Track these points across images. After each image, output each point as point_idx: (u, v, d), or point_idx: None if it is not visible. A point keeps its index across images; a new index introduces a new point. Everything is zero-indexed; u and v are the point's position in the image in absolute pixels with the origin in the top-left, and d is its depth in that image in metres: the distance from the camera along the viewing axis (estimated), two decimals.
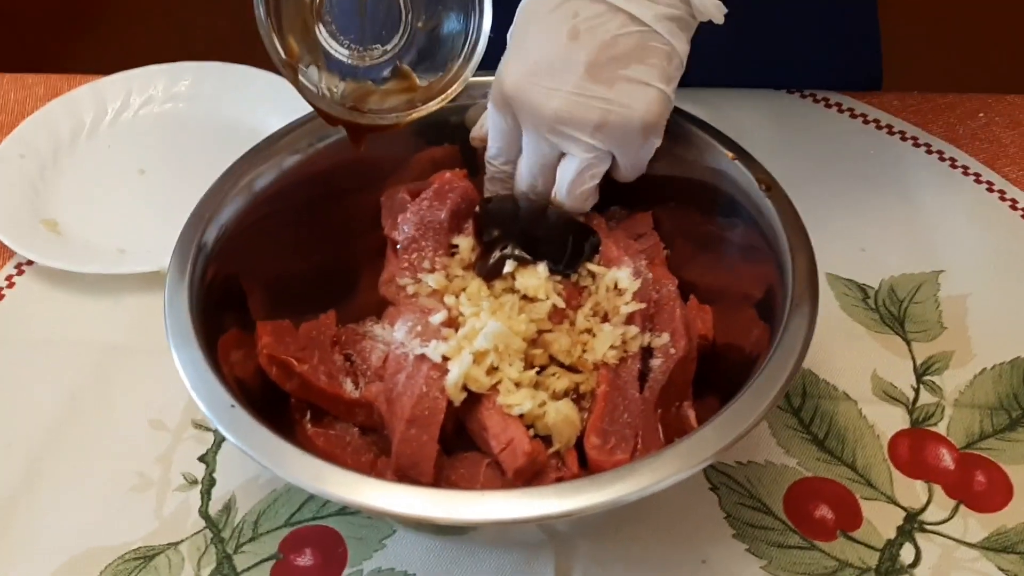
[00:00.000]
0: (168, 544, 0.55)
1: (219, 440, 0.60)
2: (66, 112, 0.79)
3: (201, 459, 0.59)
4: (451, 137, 0.61)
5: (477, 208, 0.56)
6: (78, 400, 0.62)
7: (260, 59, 0.81)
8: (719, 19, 0.52)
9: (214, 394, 0.46)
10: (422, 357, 0.49)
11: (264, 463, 0.44)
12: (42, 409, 0.61)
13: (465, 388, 0.49)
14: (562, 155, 0.54)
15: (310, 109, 0.56)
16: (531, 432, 0.49)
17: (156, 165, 0.77)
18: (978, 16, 1.59)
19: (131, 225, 0.72)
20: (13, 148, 0.76)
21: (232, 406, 0.45)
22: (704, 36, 0.54)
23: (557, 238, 0.55)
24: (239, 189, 0.57)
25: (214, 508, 0.56)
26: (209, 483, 0.58)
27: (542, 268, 0.54)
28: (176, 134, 0.80)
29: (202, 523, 0.56)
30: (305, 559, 0.54)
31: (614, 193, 0.62)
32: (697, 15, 0.52)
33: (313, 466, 0.43)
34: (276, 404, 0.53)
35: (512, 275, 0.54)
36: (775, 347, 0.48)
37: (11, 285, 0.69)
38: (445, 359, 0.49)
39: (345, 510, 0.56)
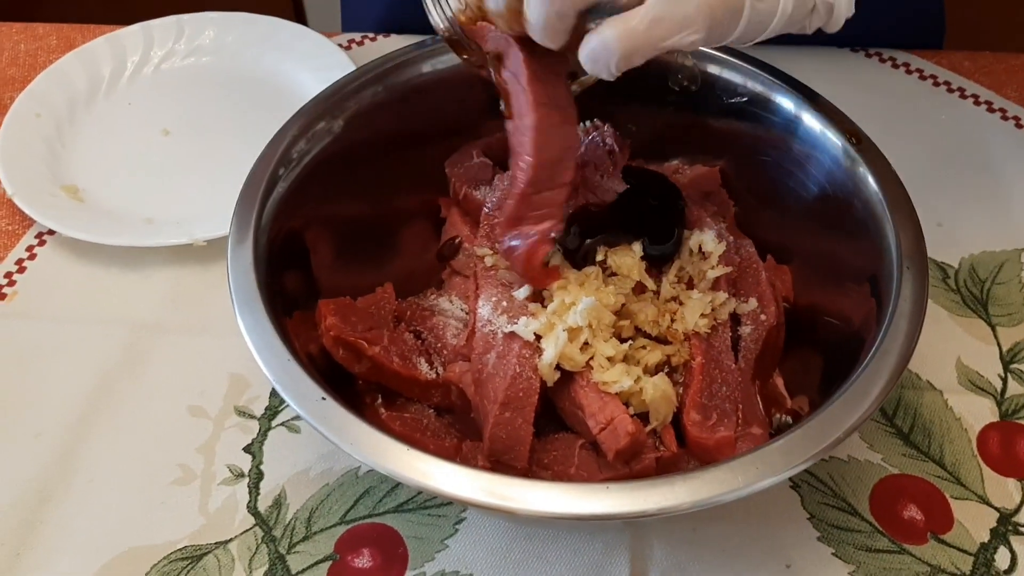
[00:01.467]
0: (216, 543, 0.51)
1: (265, 429, 0.56)
2: (83, 66, 0.74)
3: (246, 450, 0.55)
4: None
5: None
6: (110, 384, 0.58)
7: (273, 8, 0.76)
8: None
9: (301, 386, 0.42)
10: (512, 335, 0.46)
11: (375, 465, 0.40)
12: (72, 395, 0.57)
13: (558, 367, 0.45)
14: None
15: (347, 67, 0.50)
16: (629, 410, 0.45)
17: (181, 125, 0.72)
18: None
19: (158, 191, 0.67)
20: (28, 105, 0.71)
21: (323, 399, 0.41)
22: None
23: (648, 213, 0.51)
24: (297, 144, 0.53)
25: (263, 504, 0.53)
26: (257, 476, 0.54)
27: (637, 247, 0.49)
28: (201, 90, 0.75)
29: (251, 520, 0.52)
30: (363, 560, 0.51)
31: (675, 145, 0.58)
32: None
33: (423, 463, 0.39)
34: (340, 382, 0.49)
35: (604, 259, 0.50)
36: (885, 328, 0.45)
37: (32, 257, 0.64)
38: (537, 337, 0.46)
39: (403, 507, 0.52)
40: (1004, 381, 0.58)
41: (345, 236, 0.55)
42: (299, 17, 1.81)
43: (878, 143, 0.54)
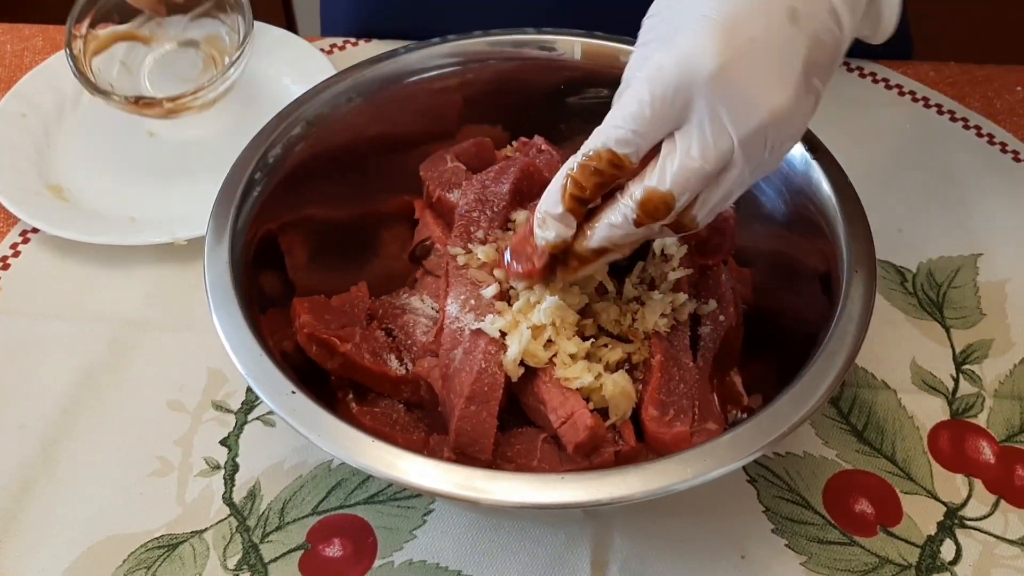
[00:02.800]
0: (192, 532, 0.53)
1: (241, 423, 0.58)
2: (69, 67, 0.75)
3: (223, 443, 0.57)
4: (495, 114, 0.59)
5: None
6: (92, 379, 0.60)
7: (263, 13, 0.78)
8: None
9: (272, 380, 0.43)
10: (479, 332, 0.48)
11: (338, 454, 0.42)
12: (55, 388, 0.59)
13: (522, 363, 0.47)
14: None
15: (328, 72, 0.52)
16: (589, 405, 0.47)
17: (165, 127, 0.74)
18: None
19: (141, 192, 0.69)
20: (14, 106, 0.73)
21: (292, 392, 0.43)
22: None
23: None
24: (274, 149, 0.55)
25: (238, 495, 0.55)
26: (232, 468, 0.56)
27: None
28: None
29: (226, 511, 0.54)
30: (334, 549, 0.53)
31: None
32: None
33: (389, 454, 0.41)
34: (314, 378, 0.51)
35: None
36: (833, 328, 0.47)
37: (16, 254, 0.66)
38: (503, 334, 0.48)
39: (373, 498, 0.54)
40: (956, 381, 0.60)
41: (321, 238, 0.57)
42: (288, 21, 1.83)
43: (844, 150, 0.56)
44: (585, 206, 0.45)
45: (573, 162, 0.44)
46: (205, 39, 0.73)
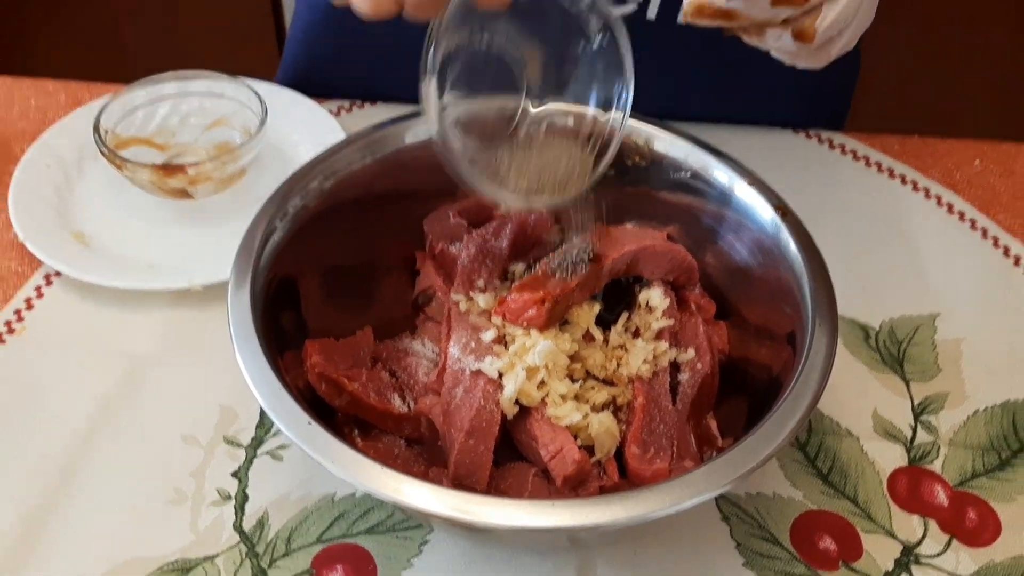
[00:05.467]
0: (205, 557, 0.57)
1: (251, 457, 0.62)
2: (92, 121, 0.80)
3: (234, 475, 0.61)
4: None
5: None
6: (110, 412, 0.64)
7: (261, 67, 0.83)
8: None
9: (291, 413, 0.48)
10: (478, 372, 0.52)
11: (349, 479, 0.47)
12: (75, 420, 0.63)
13: (517, 402, 0.52)
14: None
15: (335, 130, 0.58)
16: (576, 442, 0.52)
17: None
18: (952, 62, 1.65)
19: (160, 239, 0.74)
20: (40, 156, 0.78)
21: (309, 423, 0.47)
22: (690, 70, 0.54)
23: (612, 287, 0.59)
24: (293, 199, 0.59)
25: (248, 523, 0.59)
26: (242, 498, 0.60)
27: (596, 307, 0.57)
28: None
29: (237, 538, 0.58)
30: (337, 575, 0.57)
31: (631, 211, 0.65)
32: None
33: (394, 480, 0.46)
34: (322, 415, 0.55)
35: None
36: (798, 376, 0.51)
37: (40, 296, 0.70)
38: (500, 374, 0.52)
39: (374, 529, 0.58)
40: (914, 431, 0.65)
41: (331, 284, 0.62)
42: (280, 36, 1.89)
43: (814, 215, 0.61)
44: None
45: None
46: (216, 146, 0.78)
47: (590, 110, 0.54)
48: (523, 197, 0.53)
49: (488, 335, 0.55)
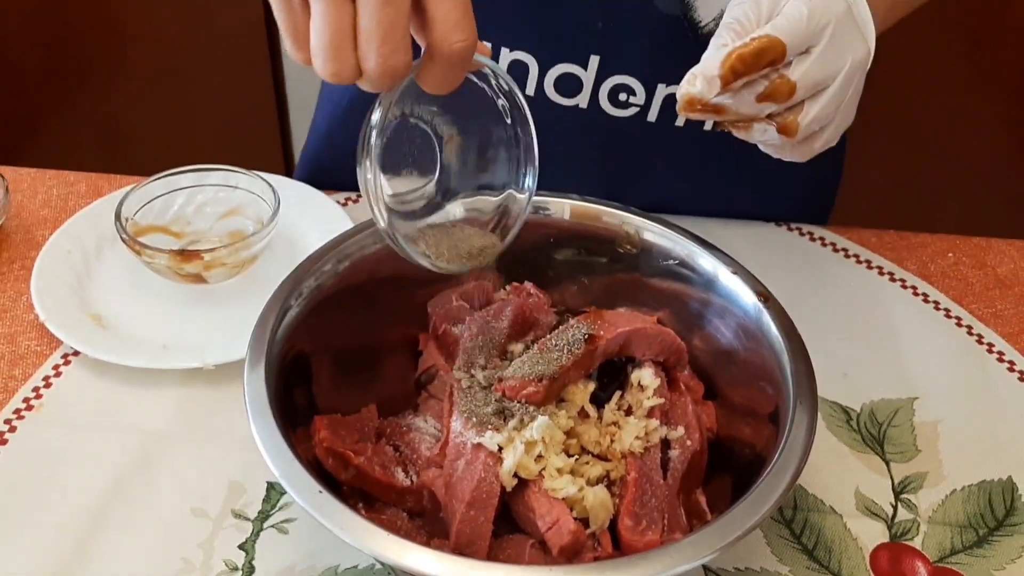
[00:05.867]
0: None
1: (257, 530, 0.64)
2: (112, 210, 0.85)
3: (241, 547, 0.63)
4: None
5: None
6: (123, 485, 0.66)
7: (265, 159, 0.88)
8: None
9: (303, 482, 0.51)
10: (479, 446, 0.55)
11: (357, 544, 0.49)
12: (89, 491, 0.65)
13: (515, 475, 0.55)
14: None
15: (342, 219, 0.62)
16: (572, 514, 0.54)
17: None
18: (931, 163, 1.72)
19: (173, 321, 0.77)
20: (62, 243, 0.82)
21: (320, 492, 0.50)
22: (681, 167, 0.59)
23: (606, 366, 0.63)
24: (303, 286, 0.63)
25: None
26: (249, 570, 0.62)
27: (591, 386, 0.60)
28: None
29: None
30: None
31: (622, 297, 0.69)
32: None
33: (399, 545, 0.49)
34: (329, 488, 0.58)
35: None
36: (779, 453, 0.54)
37: (58, 374, 0.74)
38: (500, 448, 0.55)
39: None
40: (895, 508, 0.67)
41: (339, 363, 0.65)
42: (288, 167, 1.96)
43: (797, 304, 0.65)
44: (734, 79, 0.57)
45: (724, 48, 0.58)
46: (229, 234, 0.83)
47: (495, 199, 0.59)
48: (440, 265, 0.58)
49: (488, 410, 0.58)
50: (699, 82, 0.58)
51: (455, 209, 0.59)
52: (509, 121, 0.57)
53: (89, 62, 1.88)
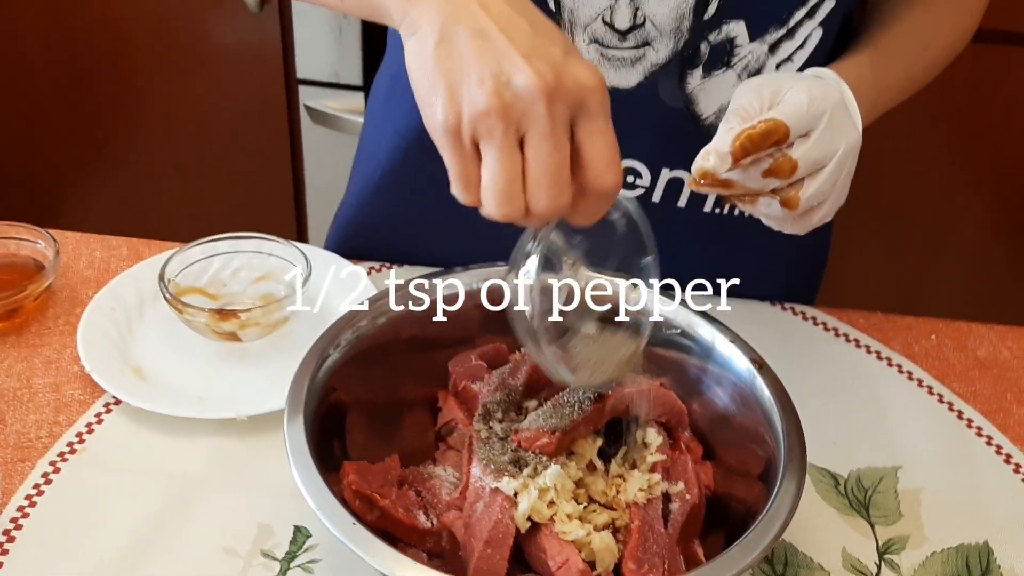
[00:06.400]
0: None
1: (284, 569, 0.69)
2: (152, 272, 0.91)
3: None
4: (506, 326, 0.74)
5: None
6: (159, 525, 0.71)
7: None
8: None
9: (339, 515, 0.56)
10: (496, 490, 0.61)
11: (386, 570, 0.55)
12: (128, 529, 0.70)
13: (529, 518, 0.60)
14: None
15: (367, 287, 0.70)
16: (580, 555, 0.59)
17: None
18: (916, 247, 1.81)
19: (207, 376, 0.83)
20: (106, 301, 0.88)
21: (353, 524, 0.55)
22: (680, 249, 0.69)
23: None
24: (334, 347, 0.69)
25: None
26: None
27: (598, 441, 0.66)
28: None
29: None
30: None
31: None
32: None
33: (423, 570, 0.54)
34: None
35: None
36: (770, 506, 0.60)
37: (100, 421, 0.79)
38: (515, 493, 0.60)
39: None
40: (879, 567, 0.72)
41: (366, 415, 0.71)
42: (300, 234, 2.04)
43: (789, 376, 0.70)
44: (743, 156, 0.65)
45: (733, 130, 0.67)
46: (261, 297, 0.89)
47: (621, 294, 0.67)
48: (589, 381, 0.65)
49: (505, 458, 0.63)
50: (712, 158, 0.66)
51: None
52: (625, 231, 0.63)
53: (111, 131, 1.97)
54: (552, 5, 0.79)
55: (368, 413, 0.71)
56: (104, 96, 1.94)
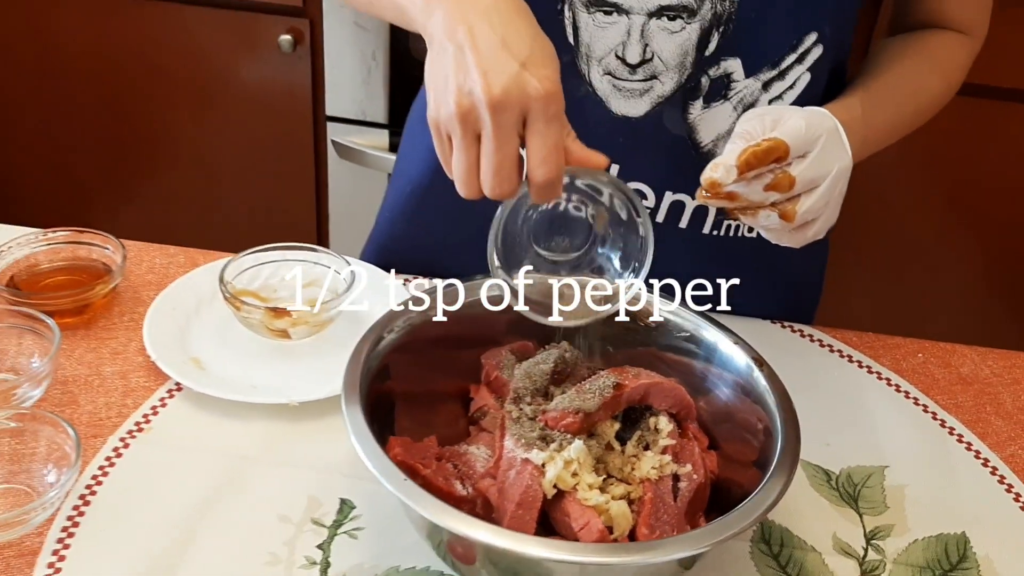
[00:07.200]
0: None
1: (332, 535, 0.77)
2: (208, 277, 1.00)
3: (319, 547, 0.76)
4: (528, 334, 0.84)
5: None
6: (219, 496, 0.79)
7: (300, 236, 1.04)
8: None
9: (391, 473, 0.64)
10: (527, 460, 0.69)
11: (431, 517, 0.63)
12: (190, 499, 0.78)
13: (555, 486, 0.68)
14: None
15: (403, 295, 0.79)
16: (600, 520, 0.67)
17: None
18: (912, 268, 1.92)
19: (258, 368, 0.92)
20: (166, 303, 0.97)
21: (405, 480, 0.63)
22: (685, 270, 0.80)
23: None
24: (381, 340, 0.78)
25: None
26: (325, 565, 0.74)
27: (616, 425, 0.74)
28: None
29: None
30: None
31: (641, 364, 0.83)
32: None
33: (463, 518, 0.63)
34: None
35: None
36: (763, 484, 0.68)
37: (163, 405, 0.87)
38: (543, 464, 0.68)
39: None
40: (865, 551, 0.80)
41: (405, 403, 0.79)
42: (321, 241, 2.14)
43: (789, 387, 0.78)
44: (747, 170, 0.75)
45: (739, 147, 0.76)
46: (307, 302, 0.97)
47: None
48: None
49: (534, 434, 0.71)
50: (720, 169, 0.75)
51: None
52: (626, 219, 0.73)
53: (148, 159, 2.08)
54: (571, 40, 0.89)
55: (407, 400, 0.79)
56: (142, 129, 2.05)
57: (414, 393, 0.81)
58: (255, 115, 2.01)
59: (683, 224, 0.98)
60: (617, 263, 0.75)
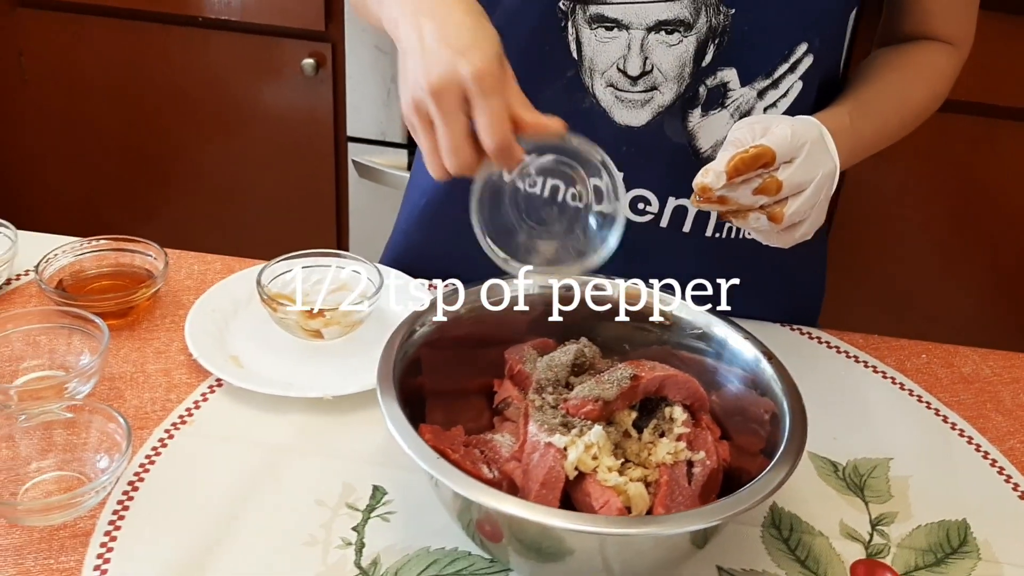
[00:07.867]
0: None
1: (366, 519, 0.81)
2: (244, 283, 1.05)
3: (353, 529, 0.80)
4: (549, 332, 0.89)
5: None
6: (257, 482, 0.84)
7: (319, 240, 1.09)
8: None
9: (426, 453, 0.69)
10: (549, 444, 0.73)
11: (460, 490, 0.68)
12: (231, 486, 0.83)
13: (576, 468, 0.73)
14: None
15: (426, 298, 0.85)
16: (619, 499, 0.72)
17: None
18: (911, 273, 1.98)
19: (296, 363, 0.97)
20: (206, 304, 1.02)
21: (437, 459, 0.68)
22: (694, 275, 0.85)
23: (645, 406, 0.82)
24: (410, 338, 0.83)
25: (364, 562, 0.77)
26: (360, 545, 0.79)
27: (633, 414, 0.79)
28: None
29: (356, 571, 0.77)
30: None
31: (656, 359, 0.88)
32: None
33: (490, 491, 0.68)
34: None
35: None
36: (770, 468, 0.72)
37: (205, 399, 0.93)
38: (565, 448, 0.73)
39: (460, 572, 0.77)
40: (871, 535, 0.84)
41: (434, 396, 0.84)
42: (340, 245, 2.19)
43: (801, 389, 0.83)
44: (736, 175, 0.80)
45: (729, 154, 0.81)
46: (337, 304, 1.03)
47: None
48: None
49: (556, 421, 0.76)
50: (710, 175, 0.80)
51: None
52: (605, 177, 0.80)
53: (173, 176, 2.15)
54: (575, 55, 0.94)
55: (436, 396, 0.84)
56: (168, 150, 2.12)
57: (442, 389, 0.86)
58: (278, 136, 2.08)
59: (687, 228, 1.02)
60: (599, 218, 0.81)
